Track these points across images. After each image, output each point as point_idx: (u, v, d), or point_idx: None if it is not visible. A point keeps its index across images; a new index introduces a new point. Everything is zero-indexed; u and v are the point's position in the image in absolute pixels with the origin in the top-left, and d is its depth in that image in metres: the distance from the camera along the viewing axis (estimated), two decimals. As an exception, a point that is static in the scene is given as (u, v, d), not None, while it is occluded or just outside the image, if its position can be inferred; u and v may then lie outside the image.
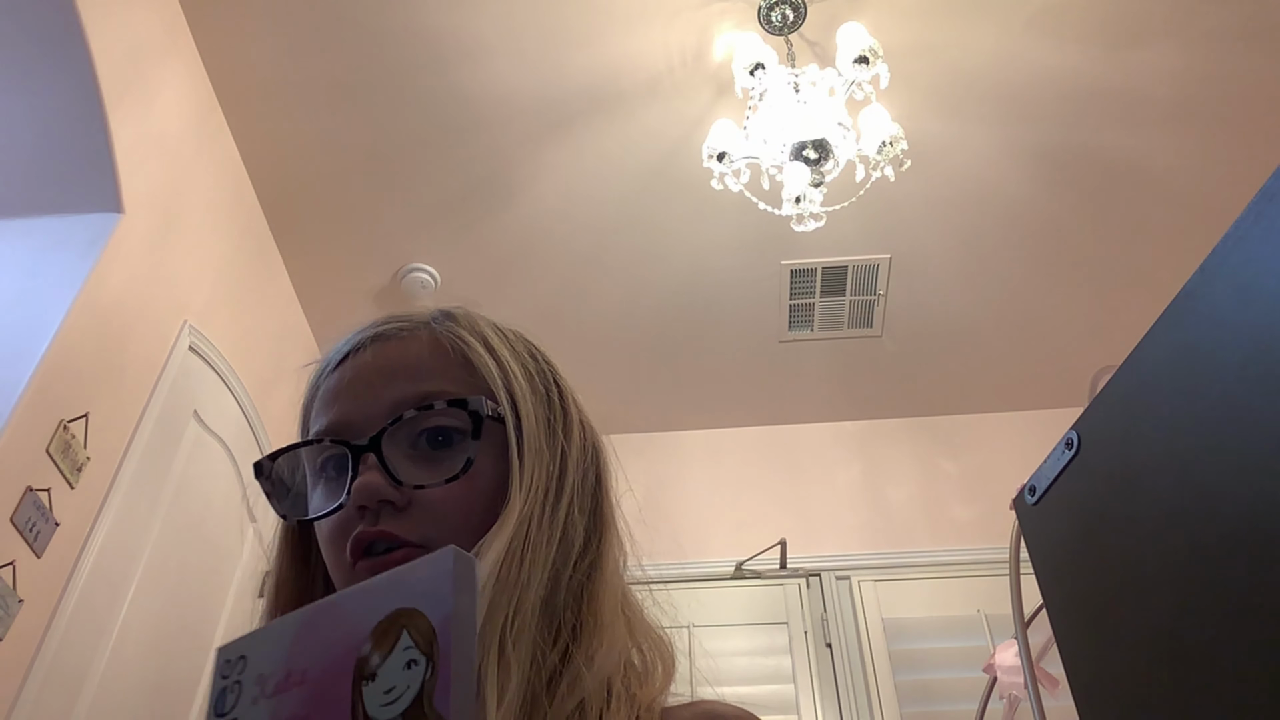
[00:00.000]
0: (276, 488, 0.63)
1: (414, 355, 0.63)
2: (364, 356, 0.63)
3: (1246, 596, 0.64)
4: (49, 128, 2.09)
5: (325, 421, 0.62)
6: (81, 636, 1.93)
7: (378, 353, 0.63)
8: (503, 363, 0.63)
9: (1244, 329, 0.67)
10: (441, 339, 0.64)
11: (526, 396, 0.63)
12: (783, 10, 2.46)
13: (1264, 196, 0.67)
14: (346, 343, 0.65)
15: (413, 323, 0.66)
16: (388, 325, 0.65)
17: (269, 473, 0.63)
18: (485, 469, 0.59)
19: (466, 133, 2.71)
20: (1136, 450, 0.78)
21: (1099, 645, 0.80)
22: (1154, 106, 2.66)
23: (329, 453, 0.61)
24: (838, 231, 2.89)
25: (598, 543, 0.62)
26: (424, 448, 0.59)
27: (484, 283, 3.10)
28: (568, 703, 0.51)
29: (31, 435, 1.84)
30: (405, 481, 0.58)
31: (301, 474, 0.63)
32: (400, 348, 0.63)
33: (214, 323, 2.56)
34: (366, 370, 0.62)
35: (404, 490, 0.57)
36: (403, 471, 0.58)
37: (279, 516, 0.63)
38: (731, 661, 2.95)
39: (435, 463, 0.59)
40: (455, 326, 0.65)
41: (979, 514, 3.22)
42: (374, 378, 0.62)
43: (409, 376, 0.61)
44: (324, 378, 0.65)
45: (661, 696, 0.57)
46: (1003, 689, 1.66)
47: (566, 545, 0.58)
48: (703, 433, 3.60)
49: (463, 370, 0.63)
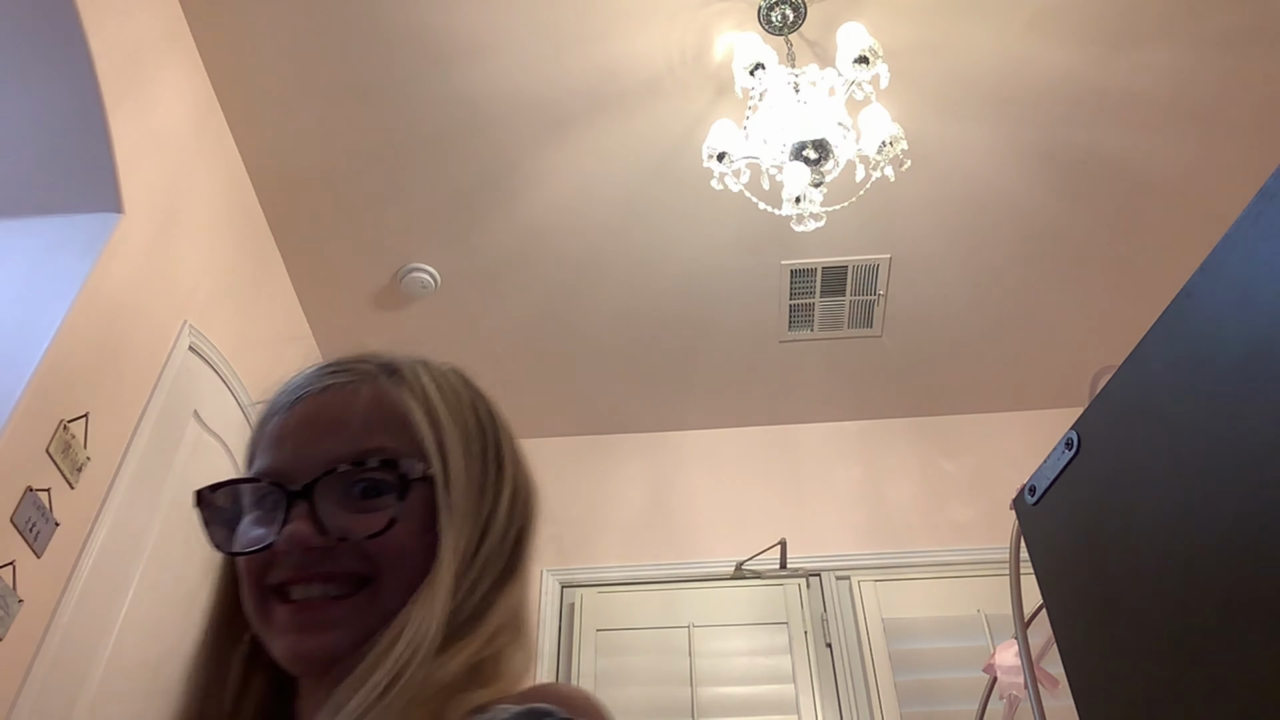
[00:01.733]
0: (212, 516, 0.66)
1: (354, 411, 0.67)
2: (309, 405, 0.68)
3: (1246, 596, 0.64)
4: (49, 128, 2.09)
5: (266, 463, 0.66)
6: (81, 636, 1.93)
7: (322, 404, 0.67)
8: (439, 425, 0.67)
9: (1244, 329, 0.67)
10: (382, 396, 0.68)
11: (460, 458, 0.66)
12: (783, 10, 2.46)
13: (1264, 196, 0.67)
14: (296, 388, 0.69)
15: (358, 375, 0.69)
16: (335, 377, 0.69)
17: (207, 502, 0.66)
18: (411, 524, 0.63)
19: (466, 133, 2.71)
20: (1136, 450, 0.78)
21: (1099, 645, 0.80)
22: (1154, 106, 2.66)
23: (265, 491, 0.65)
24: (838, 231, 2.89)
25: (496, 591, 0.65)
26: (355, 497, 0.63)
27: (484, 283, 3.10)
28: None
29: (31, 435, 1.84)
30: (331, 530, 0.62)
31: (237, 508, 0.67)
32: (344, 400, 0.67)
33: (214, 323, 2.56)
34: (309, 420, 0.67)
35: (329, 538, 0.62)
36: (331, 519, 0.62)
37: (212, 546, 0.67)
38: (731, 661, 2.96)
39: (364, 512, 0.63)
40: (398, 383, 0.69)
41: (979, 514, 3.22)
42: (315, 429, 0.66)
43: (347, 433, 0.65)
44: (270, 419, 0.69)
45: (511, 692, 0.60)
46: (1003, 689, 1.66)
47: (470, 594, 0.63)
48: (703, 433, 3.60)
49: (400, 428, 0.66)
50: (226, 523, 0.66)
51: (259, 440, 0.69)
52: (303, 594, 0.62)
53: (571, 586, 3.17)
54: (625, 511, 3.41)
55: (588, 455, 3.53)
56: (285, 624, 0.62)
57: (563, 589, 3.17)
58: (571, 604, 3.13)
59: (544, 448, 3.44)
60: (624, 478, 3.50)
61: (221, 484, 0.66)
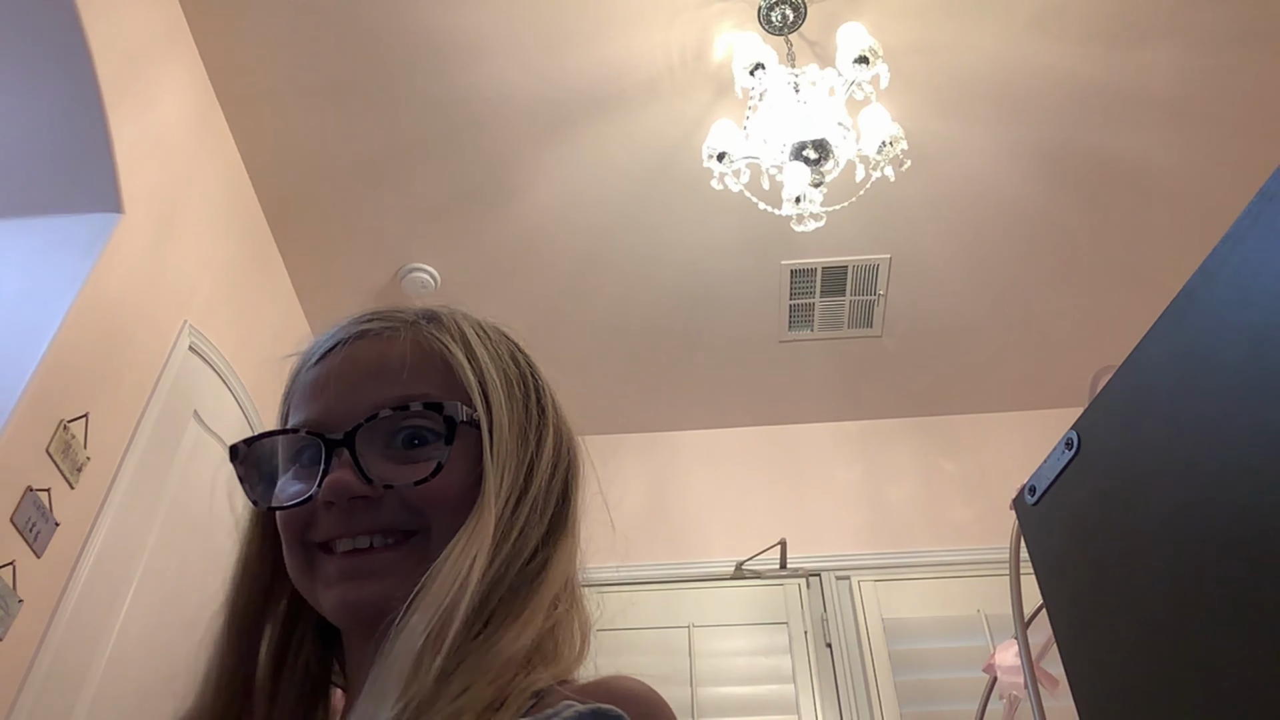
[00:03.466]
0: (249, 473, 0.64)
1: (395, 356, 0.64)
2: (347, 353, 0.65)
3: (1246, 596, 0.64)
4: (49, 128, 2.09)
5: (304, 415, 0.63)
6: (81, 636, 1.93)
7: (360, 350, 0.65)
8: (481, 368, 0.65)
9: (1244, 329, 0.67)
10: (423, 341, 0.65)
11: (502, 402, 0.64)
12: (783, 10, 2.46)
13: (1263, 197, 0.67)
14: (330, 337, 0.67)
15: (396, 322, 0.67)
16: (372, 323, 0.66)
17: (244, 457, 0.64)
18: (457, 470, 0.61)
19: (466, 133, 2.71)
20: (1136, 450, 0.78)
21: (1099, 645, 0.80)
22: (1154, 106, 2.66)
23: (304, 444, 0.62)
24: (838, 231, 2.89)
25: (552, 545, 0.62)
26: (399, 447, 0.61)
27: (484, 283, 3.10)
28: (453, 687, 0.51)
29: (31, 435, 1.84)
30: (375, 479, 0.59)
31: (275, 462, 0.64)
32: (382, 347, 0.64)
33: (214, 323, 2.56)
34: (348, 367, 0.64)
35: (374, 487, 0.59)
36: (375, 469, 0.60)
37: (250, 503, 0.65)
38: (731, 661, 2.95)
39: (409, 462, 0.60)
40: (438, 328, 0.67)
41: (979, 514, 3.22)
42: (354, 376, 0.63)
43: (388, 377, 0.63)
44: (306, 370, 0.66)
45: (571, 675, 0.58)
46: (1003, 689, 1.66)
47: (519, 547, 0.60)
48: (703, 433, 3.60)
49: (441, 373, 0.64)
50: (265, 479, 0.64)
51: (293, 393, 0.66)
52: (349, 545, 0.59)
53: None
54: (625, 511, 3.40)
55: (587, 455, 3.53)
56: (333, 575, 0.59)
57: (563, 589, 3.17)
58: (571, 604, 3.13)
59: (544, 448, 3.45)
60: (623, 478, 3.50)
61: (258, 436, 0.64)
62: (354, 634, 0.62)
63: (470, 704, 0.50)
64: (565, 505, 0.66)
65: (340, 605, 0.59)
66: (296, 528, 0.61)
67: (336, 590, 0.59)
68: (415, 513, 0.60)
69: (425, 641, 0.52)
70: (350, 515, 0.59)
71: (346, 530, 0.59)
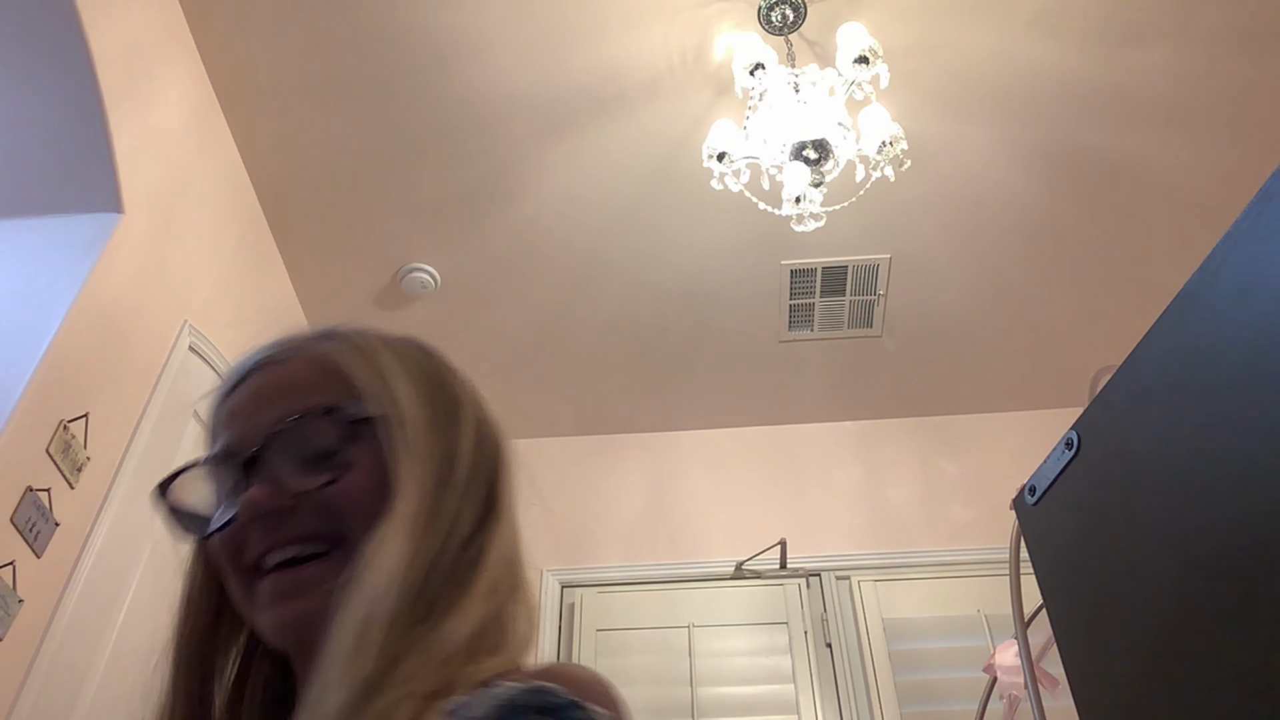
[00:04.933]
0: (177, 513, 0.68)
1: (293, 376, 0.68)
2: (251, 382, 0.69)
3: (1246, 596, 0.64)
4: (49, 128, 2.09)
5: (217, 446, 0.67)
6: (81, 636, 1.93)
7: (264, 378, 0.69)
8: (380, 368, 0.67)
9: (1244, 329, 0.67)
10: (319, 357, 0.69)
11: (411, 396, 0.66)
12: (783, 10, 2.46)
13: (1263, 196, 0.67)
14: (235, 372, 0.71)
15: (293, 346, 0.71)
16: (272, 351, 0.71)
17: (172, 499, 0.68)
18: (367, 468, 0.62)
19: (466, 133, 2.71)
20: (1136, 450, 0.78)
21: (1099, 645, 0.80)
22: (1154, 106, 2.66)
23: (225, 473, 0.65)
24: (838, 231, 2.89)
25: (485, 531, 0.63)
26: (310, 459, 0.63)
27: (484, 283, 3.10)
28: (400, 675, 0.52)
29: (31, 435, 1.84)
30: (287, 489, 0.62)
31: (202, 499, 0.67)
32: (281, 371, 0.69)
33: (214, 323, 2.56)
34: (251, 396, 0.68)
35: (286, 497, 0.62)
36: (287, 480, 0.62)
37: (185, 538, 0.68)
38: (731, 661, 2.96)
39: (320, 471, 0.62)
40: (334, 342, 0.70)
41: (979, 514, 3.22)
42: (259, 401, 0.67)
43: (290, 396, 0.66)
44: (219, 406, 0.70)
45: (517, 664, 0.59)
46: (1003, 689, 1.66)
47: (451, 533, 0.61)
48: (703, 433, 3.60)
49: (339, 382, 0.66)
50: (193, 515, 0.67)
51: (211, 430, 0.70)
52: (279, 558, 0.61)
53: (571, 586, 3.17)
54: (625, 511, 3.41)
55: (588, 455, 3.53)
56: (266, 598, 0.61)
57: (563, 589, 3.17)
58: (571, 604, 3.13)
59: (544, 448, 3.46)
60: (624, 477, 3.50)
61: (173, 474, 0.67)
62: (299, 656, 0.62)
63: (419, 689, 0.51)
64: (494, 495, 0.67)
65: (276, 626, 0.61)
66: (230, 552, 0.64)
67: (271, 612, 0.61)
68: (332, 517, 0.61)
69: (366, 624, 0.53)
70: (272, 527, 0.62)
71: (272, 542, 0.61)
